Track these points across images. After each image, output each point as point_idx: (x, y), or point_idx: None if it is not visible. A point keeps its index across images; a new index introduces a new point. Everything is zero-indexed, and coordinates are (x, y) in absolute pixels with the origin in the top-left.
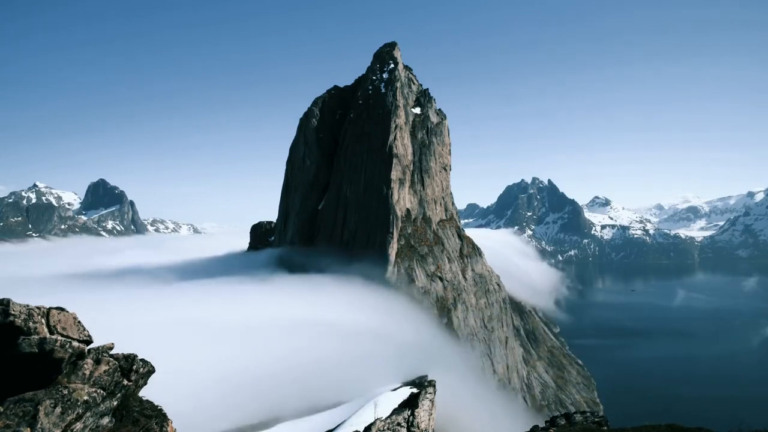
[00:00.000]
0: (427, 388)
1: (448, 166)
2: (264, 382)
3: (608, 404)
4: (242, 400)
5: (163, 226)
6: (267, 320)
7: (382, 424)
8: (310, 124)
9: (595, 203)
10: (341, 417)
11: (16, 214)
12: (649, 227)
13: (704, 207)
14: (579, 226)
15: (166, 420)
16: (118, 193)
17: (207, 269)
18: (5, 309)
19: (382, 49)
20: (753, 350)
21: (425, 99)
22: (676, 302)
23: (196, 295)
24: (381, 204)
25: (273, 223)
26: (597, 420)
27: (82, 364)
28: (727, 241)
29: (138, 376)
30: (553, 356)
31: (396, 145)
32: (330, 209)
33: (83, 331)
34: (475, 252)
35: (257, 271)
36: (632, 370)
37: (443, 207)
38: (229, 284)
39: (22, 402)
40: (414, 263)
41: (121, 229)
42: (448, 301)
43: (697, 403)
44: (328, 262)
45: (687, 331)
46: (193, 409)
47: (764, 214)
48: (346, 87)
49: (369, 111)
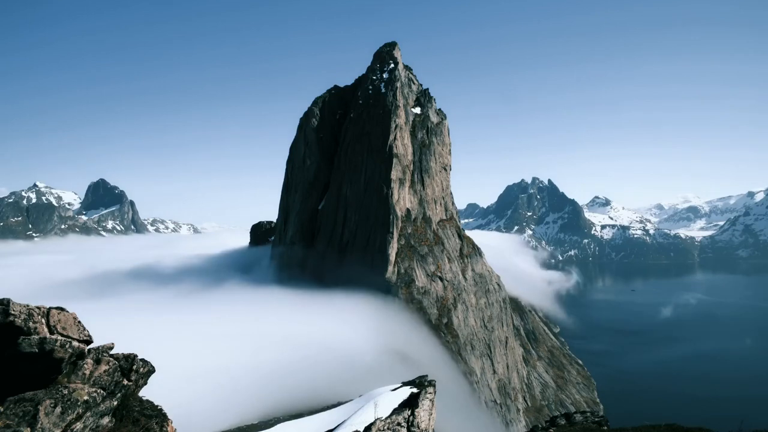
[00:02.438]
0: (427, 387)
1: (448, 166)
2: (264, 382)
3: (608, 404)
4: (242, 400)
5: (163, 226)
6: (267, 321)
7: (382, 424)
8: (311, 123)
9: (595, 203)
10: (341, 417)
11: (16, 214)
12: (649, 227)
13: (704, 207)
14: (579, 226)
15: (166, 420)
16: (118, 193)
17: (207, 269)
18: (5, 309)
19: (382, 48)
20: (753, 350)
21: (425, 99)
22: (676, 302)
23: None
24: (381, 204)
25: (273, 223)
26: (597, 420)
27: (82, 363)
28: (727, 241)
29: (138, 376)
30: (553, 356)
31: (396, 145)
32: (330, 209)
33: (83, 330)
34: (475, 252)
35: (256, 272)
36: (632, 370)
37: (443, 207)
38: (229, 285)
39: (23, 402)
40: (414, 263)
41: (121, 229)
42: (448, 301)
43: (697, 403)
44: (327, 262)
45: (687, 330)
46: (193, 409)
47: (764, 214)
48: (346, 87)
49: (369, 111)
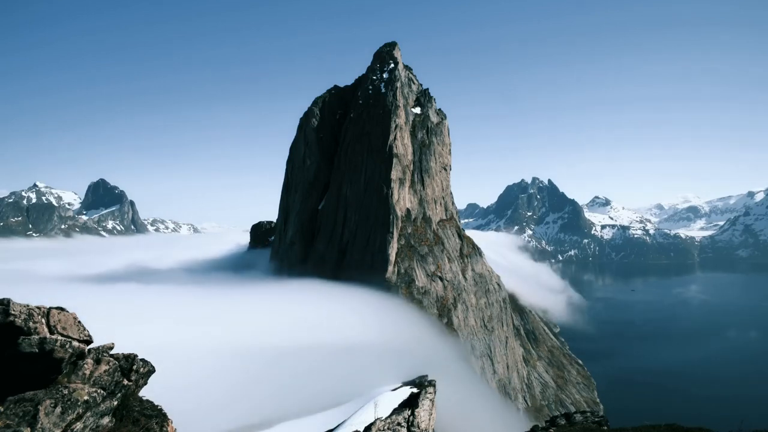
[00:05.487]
0: (427, 387)
1: (448, 166)
2: (264, 382)
3: (608, 404)
4: (242, 400)
5: (163, 226)
6: (266, 321)
7: (382, 424)
8: (311, 123)
9: (595, 203)
10: (341, 417)
11: (16, 214)
12: (649, 227)
13: (704, 207)
14: (579, 226)
15: (166, 420)
16: (118, 193)
17: (207, 269)
18: (5, 309)
19: (382, 48)
20: (753, 350)
21: (425, 99)
22: (676, 302)
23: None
24: (381, 204)
25: (273, 223)
26: (597, 420)
27: (82, 363)
28: (727, 241)
29: (138, 375)
30: (553, 356)
31: (396, 145)
32: (330, 209)
33: (83, 330)
34: (475, 252)
35: (256, 271)
36: (632, 370)
37: (443, 207)
38: (228, 285)
39: (23, 402)
40: (414, 263)
41: (121, 229)
42: (448, 301)
43: (697, 403)
44: (327, 262)
45: (687, 330)
46: (193, 409)
47: (764, 214)
48: (346, 87)
49: (369, 111)
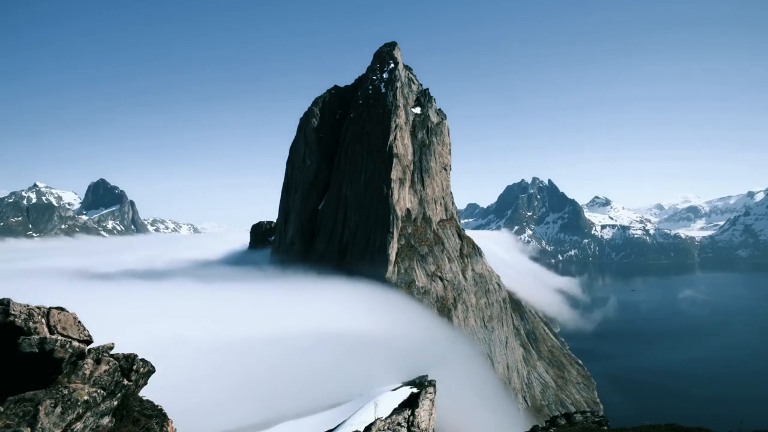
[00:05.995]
0: (428, 387)
1: (448, 166)
2: (264, 381)
3: (608, 404)
4: (242, 400)
5: (163, 226)
6: (267, 320)
7: (382, 424)
8: (311, 123)
9: (595, 203)
10: (341, 417)
11: (17, 214)
12: (649, 227)
13: (704, 207)
14: (579, 226)
15: (166, 420)
16: (118, 193)
17: (207, 269)
18: (5, 309)
19: (383, 48)
20: (753, 350)
21: (425, 99)
22: (676, 302)
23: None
24: (381, 204)
25: (273, 223)
26: (597, 420)
27: (82, 363)
28: (727, 241)
29: (138, 375)
30: (553, 356)
31: (396, 145)
32: (330, 209)
33: (83, 330)
34: (475, 252)
35: (256, 271)
36: (632, 370)
37: (443, 207)
38: (229, 284)
39: (23, 402)
40: (414, 263)
41: (121, 229)
42: (448, 301)
43: (697, 403)
44: (327, 262)
45: (687, 330)
46: (193, 409)
47: (764, 214)
48: (346, 87)
49: (369, 111)
